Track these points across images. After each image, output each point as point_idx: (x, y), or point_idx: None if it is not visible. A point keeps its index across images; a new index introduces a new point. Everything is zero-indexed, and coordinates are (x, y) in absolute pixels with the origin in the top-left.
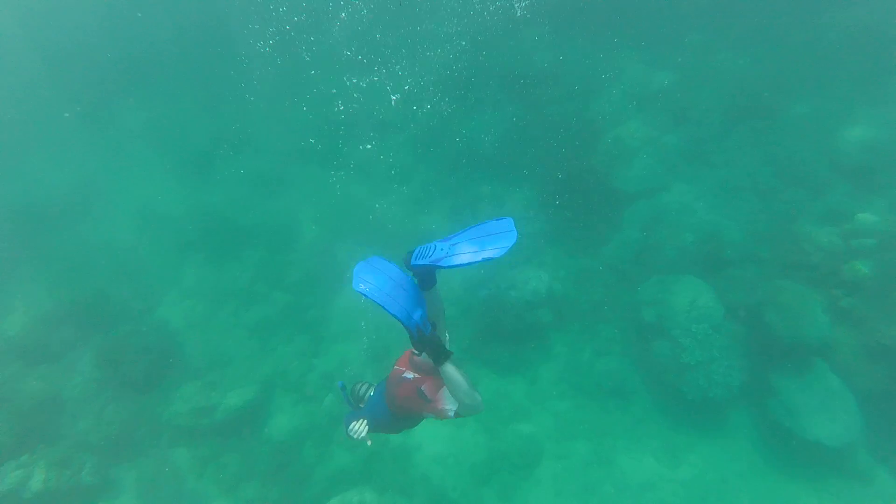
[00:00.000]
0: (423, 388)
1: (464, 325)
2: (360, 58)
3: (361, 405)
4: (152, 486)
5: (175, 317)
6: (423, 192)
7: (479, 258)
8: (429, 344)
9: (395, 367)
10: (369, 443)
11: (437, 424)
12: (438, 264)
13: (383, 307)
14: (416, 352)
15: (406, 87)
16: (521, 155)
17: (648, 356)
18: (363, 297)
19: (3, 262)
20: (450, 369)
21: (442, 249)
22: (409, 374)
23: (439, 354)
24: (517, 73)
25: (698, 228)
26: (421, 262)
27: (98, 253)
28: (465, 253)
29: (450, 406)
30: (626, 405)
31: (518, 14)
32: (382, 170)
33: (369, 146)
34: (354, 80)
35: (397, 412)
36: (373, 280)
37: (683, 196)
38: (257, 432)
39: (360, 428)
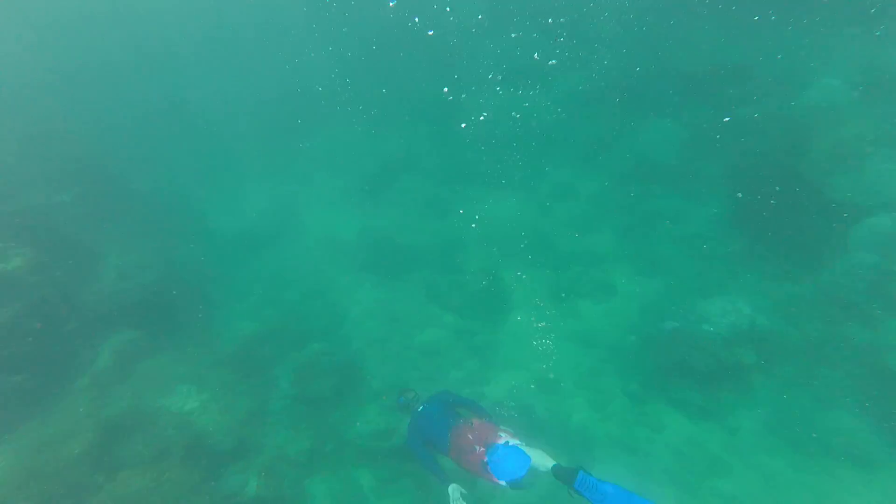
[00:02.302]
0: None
1: (644, 358)
2: (521, 70)
3: (405, 408)
4: (340, 502)
5: (357, 337)
6: (592, 209)
7: None
8: None
9: (469, 434)
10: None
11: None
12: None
13: None
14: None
15: (566, 98)
16: (706, 164)
17: None
18: None
19: (224, 283)
20: None
21: (601, 495)
22: (478, 447)
23: None
24: (700, 71)
25: None
26: (582, 491)
27: (291, 274)
28: None
29: (502, 482)
30: (868, 476)
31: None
32: (547, 185)
33: (533, 161)
34: (513, 93)
35: (453, 459)
36: None
37: None
38: None
39: (457, 494)
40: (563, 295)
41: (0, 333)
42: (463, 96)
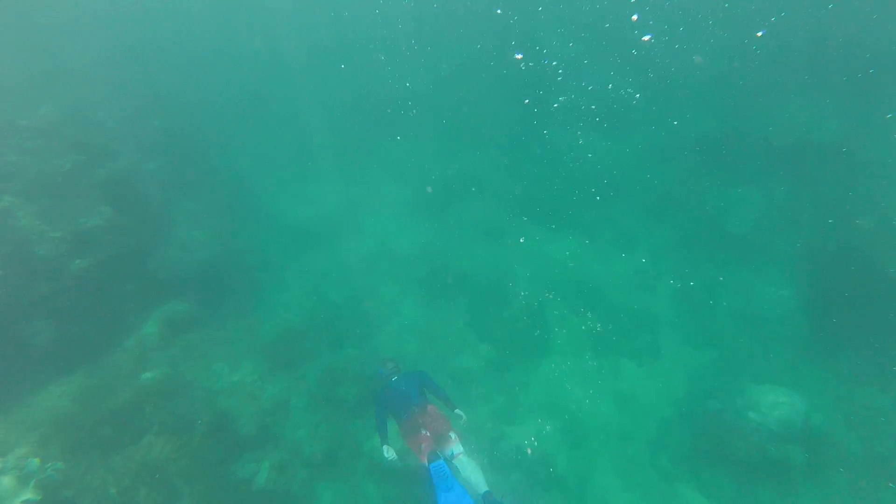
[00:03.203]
0: (423, 446)
1: (680, 433)
2: (595, 117)
3: (382, 377)
4: None
5: (391, 349)
6: (651, 266)
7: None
8: None
9: (421, 421)
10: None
11: None
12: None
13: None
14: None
15: (644, 147)
16: (782, 241)
17: None
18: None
19: (276, 272)
20: None
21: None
22: (423, 438)
23: None
24: (791, 144)
25: None
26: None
27: (340, 275)
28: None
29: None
30: None
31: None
32: (609, 233)
33: (599, 206)
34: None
35: (402, 432)
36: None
37: None
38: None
39: (390, 455)
40: (606, 349)
41: (70, 283)
42: (545, 132)
